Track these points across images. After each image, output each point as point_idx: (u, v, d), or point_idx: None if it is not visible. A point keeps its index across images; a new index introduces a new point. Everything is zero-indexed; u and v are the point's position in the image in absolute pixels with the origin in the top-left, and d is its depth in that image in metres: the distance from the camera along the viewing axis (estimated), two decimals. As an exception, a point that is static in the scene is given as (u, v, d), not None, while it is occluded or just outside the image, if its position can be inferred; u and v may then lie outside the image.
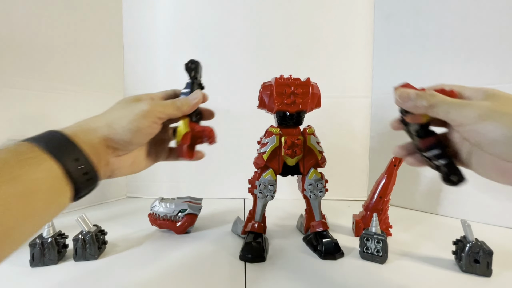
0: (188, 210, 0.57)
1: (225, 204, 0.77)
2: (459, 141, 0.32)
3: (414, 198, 0.75)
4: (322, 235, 0.49)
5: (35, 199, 0.25)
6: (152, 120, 0.35)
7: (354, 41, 0.83)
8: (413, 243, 0.53)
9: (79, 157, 0.28)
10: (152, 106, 0.35)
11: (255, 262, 0.46)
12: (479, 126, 0.26)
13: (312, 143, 0.49)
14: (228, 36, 0.84)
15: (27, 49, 0.63)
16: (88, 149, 0.29)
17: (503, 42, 0.61)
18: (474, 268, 0.42)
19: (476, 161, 0.31)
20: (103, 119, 0.33)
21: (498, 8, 0.61)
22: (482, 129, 0.26)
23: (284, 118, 0.49)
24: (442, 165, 0.31)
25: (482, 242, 0.43)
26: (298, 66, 0.82)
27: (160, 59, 0.85)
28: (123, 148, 0.34)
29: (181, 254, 0.49)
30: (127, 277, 0.42)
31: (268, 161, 0.49)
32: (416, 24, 0.73)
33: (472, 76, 0.65)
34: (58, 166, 0.27)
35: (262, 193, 0.49)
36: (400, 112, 0.33)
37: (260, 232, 0.50)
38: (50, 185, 0.26)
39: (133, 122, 0.33)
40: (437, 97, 0.29)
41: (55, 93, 0.68)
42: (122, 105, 0.35)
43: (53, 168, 0.26)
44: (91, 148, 0.30)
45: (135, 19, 0.85)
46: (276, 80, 0.48)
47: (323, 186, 0.50)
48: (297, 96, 0.48)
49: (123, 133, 0.33)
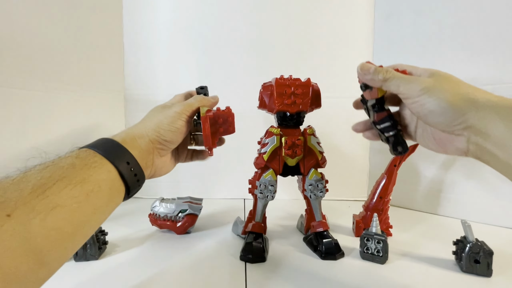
0: (188, 210, 0.57)
1: (225, 204, 0.77)
2: (408, 117, 0.39)
3: (414, 198, 0.75)
4: (323, 235, 0.49)
5: (100, 197, 0.29)
6: (185, 119, 0.41)
7: (354, 41, 0.83)
8: (414, 243, 0.53)
9: (129, 161, 0.33)
10: (182, 107, 0.41)
11: (256, 262, 0.46)
12: (421, 98, 0.31)
13: (312, 144, 0.49)
14: (228, 36, 0.83)
15: (27, 49, 0.62)
16: (136, 154, 0.34)
17: (503, 42, 0.61)
18: (475, 268, 0.42)
19: (419, 133, 0.37)
20: (147, 125, 0.38)
21: (498, 8, 0.61)
22: (423, 101, 0.31)
23: (284, 119, 0.49)
24: (390, 136, 0.38)
25: (482, 242, 0.43)
26: (298, 66, 0.82)
27: (160, 59, 0.85)
28: (166, 148, 0.40)
29: (182, 255, 0.49)
30: (128, 277, 0.42)
31: (269, 162, 0.49)
32: (416, 24, 0.73)
33: (472, 76, 0.65)
34: (115, 169, 0.31)
35: (263, 193, 0.49)
36: (361, 87, 0.39)
37: (261, 233, 0.50)
38: (110, 185, 0.30)
39: (172, 123, 0.39)
40: (391, 73, 0.35)
41: (55, 93, 0.68)
42: (157, 112, 0.41)
43: (112, 171, 0.31)
44: (139, 153, 0.35)
45: (135, 19, 0.85)
46: (276, 81, 0.48)
47: (323, 187, 0.50)
48: (298, 97, 0.48)
49: (165, 134, 0.38)
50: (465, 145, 0.31)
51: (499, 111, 0.29)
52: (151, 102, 0.85)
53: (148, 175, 0.37)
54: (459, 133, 0.31)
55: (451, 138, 0.32)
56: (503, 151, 0.28)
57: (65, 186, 0.26)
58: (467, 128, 0.30)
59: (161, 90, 0.84)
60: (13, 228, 0.21)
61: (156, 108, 0.42)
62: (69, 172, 0.27)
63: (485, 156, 0.30)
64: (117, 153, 0.32)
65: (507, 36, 0.60)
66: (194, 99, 0.43)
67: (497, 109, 0.29)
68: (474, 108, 0.30)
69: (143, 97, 0.84)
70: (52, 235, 0.24)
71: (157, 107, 0.42)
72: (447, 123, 0.31)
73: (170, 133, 0.39)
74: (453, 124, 0.31)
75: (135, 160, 0.34)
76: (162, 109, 0.42)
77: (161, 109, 0.42)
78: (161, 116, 0.40)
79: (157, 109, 0.42)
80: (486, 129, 0.29)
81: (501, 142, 0.28)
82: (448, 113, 0.30)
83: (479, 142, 0.30)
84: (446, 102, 0.30)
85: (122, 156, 0.33)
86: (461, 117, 0.30)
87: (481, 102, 0.30)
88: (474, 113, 0.29)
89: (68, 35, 0.70)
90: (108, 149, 0.32)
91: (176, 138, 0.40)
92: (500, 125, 0.28)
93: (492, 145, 0.29)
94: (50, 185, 0.25)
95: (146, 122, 0.39)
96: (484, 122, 0.29)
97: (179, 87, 0.82)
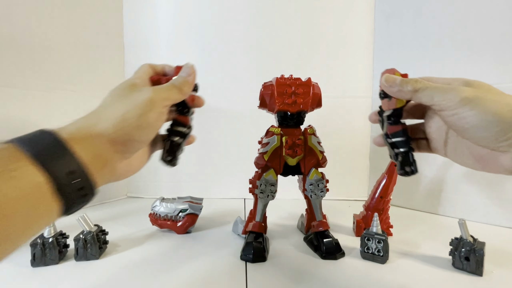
0: (189, 210, 0.57)
1: (225, 204, 0.77)
2: (435, 131, 0.34)
3: (415, 198, 0.75)
4: (323, 235, 0.49)
5: (11, 223, 0.20)
6: (159, 110, 0.30)
7: (354, 41, 0.83)
8: (414, 243, 0.53)
9: (75, 170, 0.23)
10: (154, 92, 0.30)
11: (256, 262, 0.46)
12: (461, 110, 0.27)
13: (313, 143, 0.49)
14: (228, 36, 0.84)
15: (27, 49, 0.62)
16: (88, 158, 0.24)
17: (503, 42, 0.61)
18: (465, 265, 0.42)
19: (451, 149, 0.33)
20: (105, 117, 0.28)
21: (498, 8, 0.61)
22: (464, 113, 0.27)
23: (285, 118, 0.49)
24: (401, 153, 0.34)
25: (477, 240, 0.43)
26: (298, 66, 0.82)
27: (160, 59, 0.84)
28: (132, 150, 0.30)
29: (182, 254, 0.49)
30: (128, 277, 0.42)
31: (269, 161, 0.49)
32: (416, 24, 0.73)
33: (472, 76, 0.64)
34: (47, 180, 0.22)
35: (263, 193, 0.49)
36: (380, 95, 0.35)
37: (261, 232, 0.50)
38: (33, 204, 0.21)
39: (141, 117, 0.28)
40: (422, 83, 0.30)
41: (55, 93, 0.68)
42: (120, 96, 0.29)
43: (42, 182, 0.22)
44: (93, 157, 0.25)
45: (136, 19, 0.85)
46: (277, 80, 0.48)
47: (324, 186, 0.50)
48: (298, 96, 0.48)
49: (132, 132, 0.28)
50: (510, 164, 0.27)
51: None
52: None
53: (105, 182, 0.28)
54: (505, 150, 0.27)
55: (495, 156, 0.28)
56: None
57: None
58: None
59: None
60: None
61: (121, 89, 0.30)
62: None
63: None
64: (56, 156, 0.23)
65: (507, 36, 0.60)
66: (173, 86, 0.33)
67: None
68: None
69: (143, 97, 0.84)
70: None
71: (121, 88, 0.30)
72: (493, 139, 0.26)
73: (139, 129, 0.28)
74: (499, 140, 0.26)
75: (83, 169, 0.24)
76: (129, 91, 0.30)
77: (128, 91, 0.30)
78: (126, 104, 0.28)
79: (122, 90, 0.30)
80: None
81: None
82: (494, 127, 0.26)
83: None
84: (493, 115, 0.26)
85: (65, 163, 0.23)
86: (510, 132, 0.25)
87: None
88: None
89: (68, 35, 0.70)
90: (44, 151, 0.22)
91: (147, 137, 0.30)
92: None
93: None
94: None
95: (106, 112, 0.28)
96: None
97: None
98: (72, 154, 0.24)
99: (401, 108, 0.34)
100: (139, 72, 0.34)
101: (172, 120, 0.37)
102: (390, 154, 0.36)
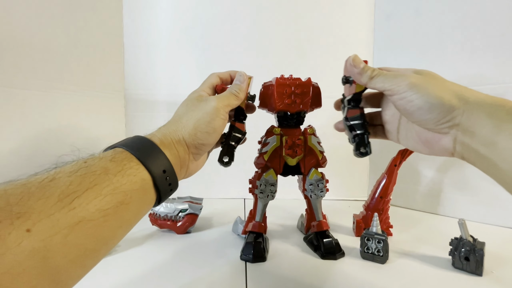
0: (188, 210, 0.57)
1: (225, 204, 0.77)
2: (390, 118, 0.38)
3: (415, 198, 0.75)
4: (323, 235, 0.49)
5: (129, 209, 0.26)
6: (222, 117, 0.36)
7: (354, 41, 0.83)
8: (414, 243, 0.53)
9: (166, 169, 0.30)
10: (217, 101, 0.36)
11: (256, 262, 0.46)
12: (408, 93, 0.30)
13: (312, 143, 0.49)
14: (228, 36, 0.84)
15: (27, 49, 0.62)
16: (172, 159, 0.31)
17: (503, 42, 0.61)
18: (465, 265, 0.42)
19: (403, 135, 0.37)
20: (183, 126, 0.34)
21: (498, 8, 0.61)
22: (411, 96, 0.30)
23: (285, 118, 0.49)
24: (357, 135, 0.38)
25: (477, 240, 0.43)
26: (298, 66, 0.82)
27: (160, 59, 0.85)
28: (201, 152, 0.36)
29: (182, 254, 0.49)
30: (128, 277, 0.42)
31: (269, 161, 0.49)
32: (416, 24, 0.73)
33: (472, 76, 0.65)
34: (150, 178, 0.28)
35: (263, 193, 0.49)
36: (342, 80, 0.39)
37: (261, 232, 0.50)
38: (142, 195, 0.28)
39: (209, 124, 0.35)
40: (377, 71, 0.34)
41: (55, 93, 0.68)
42: (191, 107, 0.36)
43: (146, 179, 0.28)
44: (176, 158, 0.32)
45: (135, 19, 0.85)
46: (276, 80, 0.48)
47: (323, 186, 0.50)
48: (298, 96, 0.48)
49: (203, 137, 0.34)
50: (451, 145, 0.30)
51: (487, 109, 0.28)
52: (151, 102, 0.86)
53: (181, 179, 0.35)
54: (446, 132, 0.30)
55: (438, 138, 0.31)
56: (490, 150, 0.27)
57: (94, 197, 0.23)
58: (454, 126, 0.29)
59: (161, 90, 0.84)
60: (32, 246, 0.19)
61: (190, 100, 0.37)
62: (101, 179, 0.24)
63: (471, 156, 0.29)
64: (155, 159, 0.29)
65: (507, 36, 0.60)
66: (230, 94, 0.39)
67: (485, 107, 0.28)
68: (463, 105, 0.29)
69: (143, 97, 0.84)
70: (72, 252, 0.22)
71: (191, 99, 0.37)
72: (435, 121, 0.30)
73: (208, 135, 0.35)
74: (441, 121, 0.29)
75: (172, 169, 0.31)
76: (197, 102, 0.36)
77: (197, 102, 0.36)
78: (199, 114, 0.35)
79: (191, 101, 0.37)
80: (473, 128, 0.28)
81: (488, 141, 0.27)
82: (436, 109, 0.29)
83: (466, 141, 0.29)
84: (435, 97, 0.29)
85: (160, 164, 0.29)
86: (450, 114, 0.29)
87: (469, 99, 0.29)
88: (462, 110, 0.29)
89: (68, 35, 0.70)
90: (146, 154, 0.29)
91: (214, 140, 0.36)
92: (487, 123, 0.27)
93: (478, 144, 0.28)
94: (79, 193, 0.22)
95: (182, 121, 0.35)
96: (471, 120, 0.28)
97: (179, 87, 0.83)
98: (165, 156, 0.30)
99: (360, 93, 0.38)
100: (205, 83, 0.40)
101: (229, 126, 0.43)
102: (348, 137, 0.40)
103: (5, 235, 0.18)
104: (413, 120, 0.32)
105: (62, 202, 0.21)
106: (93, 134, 0.73)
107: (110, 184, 0.25)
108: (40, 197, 0.21)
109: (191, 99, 0.37)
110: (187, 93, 0.40)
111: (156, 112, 0.84)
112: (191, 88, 0.49)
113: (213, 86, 0.41)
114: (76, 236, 0.21)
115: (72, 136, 0.68)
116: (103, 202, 0.23)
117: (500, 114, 0.27)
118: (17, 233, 0.19)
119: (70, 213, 0.21)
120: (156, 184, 0.29)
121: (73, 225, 0.21)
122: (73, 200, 0.22)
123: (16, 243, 0.18)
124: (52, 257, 0.20)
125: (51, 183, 0.22)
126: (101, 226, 0.23)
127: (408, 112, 0.32)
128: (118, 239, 0.27)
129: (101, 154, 0.28)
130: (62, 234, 0.21)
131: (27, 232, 0.19)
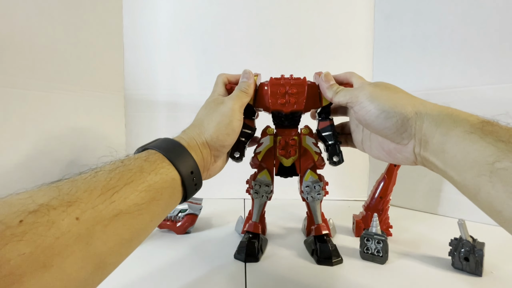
0: (188, 210, 0.57)
1: (225, 204, 0.77)
2: (354, 128, 0.42)
3: (414, 198, 0.75)
4: (321, 239, 0.48)
5: (160, 205, 0.29)
6: (238, 117, 0.39)
7: (354, 41, 0.83)
8: (414, 243, 0.53)
9: (193, 170, 0.32)
10: (233, 102, 0.38)
11: (248, 261, 0.46)
12: (366, 104, 0.33)
13: (307, 144, 0.48)
14: (228, 36, 0.84)
15: (27, 49, 0.62)
16: (198, 161, 0.34)
17: (503, 43, 0.61)
18: (464, 265, 0.42)
19: (367, 145, 0.39)
20: (206, 128, 0.37)
21: (498, 8, 0.61)
22: (368, 106, 0.33)
23: (279, 118, 0.48)
24: (329, 145, 0.42)
25: (476, 241, 0.43)
26: (298, 66, 0.81)
27: (160, 59, 0.85)
28: (221, 154, 0.39)
29: (181, 254, 0.49)
30: (127, 276, 0.42)
31: (263, 161, 0.49)
32: (416, 24, 0.73)
33: (472, 76, 0.65)
34: (179, 178, 0.31)
35: (258, 193, 0.49)
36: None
37: (257, 232, 0.50)
38: (171, 193, 0.30)
39: (229, 125, 0.37)
40: (340, 87, 0.39)
41: (55, 93, 0.68)
42: (210, 110, 0.38)
43: (176, 179, 0.31)
44: (200, 160, 0.34)
45: (135, 19, 0.85)
46: (271, 80, 0.47)
47: (321, 188, 0.49)
48: (292, 96, 0.46)
49: (223, 139, 0.37)
50: (412, 155, 0.31)
51: (435, 118, 0.29)
52: (151, 102, 0.86)
53: (203, 179, 0.37)
54: (405, 143, 0.32)
55: (399, 148, 0.33)
56: (439, 159, 0.28)
57: (131, 192, 0.26)
58: (412, 137, 0.31)
59: (161, 90, 0.84)
60: (79, 232, 0.21)
61: (208, 103, 0.40)
62: (137, 177, 0.27)
63: (429, 165, 0.30)
64: (184, 161, 0.32)
65: (507, 36, 0.60)
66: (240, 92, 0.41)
67: (433, 117, 0.29)
68: (414, 115, 0.30)
69: (143, 97, 0.84)
70: (111, 240, 0.24)
71: (209, 103, 0.40)
72: (394, 130, 0.31)
73: (228, 136, 0.37)
74: (400, 131, 0.31)
75: (198, 170, 0.33)
76: (216, 105, 0.39)
77: (214, 105, 0.39)
78: (219, 116, 0.37)
79: (209, 105, 0.39)
80: (426, 137, 0.29)
81: (438, 150, 0.28)
82: (393, 117, 0.31)
83: (422, 151, 0.30)
84: (390, 106, 0.31)
85: (188, 165, 0.32)
86: (406, 123, 0.30)
87: (420, 110, 0.30)
88: (414, 120, 0.30)
89: (68, 35, 0.70)
90: (176, 155, 0.31)
91: (232, 141, 0.39)
92: (436, 132, 0.28)
93: (431, 153, 0.29)
94: (118, 189, 0.25)
95: (204, 125, 0.37)
96: (423, 130, 0.29)
97: (179, 87, 0.83)
98: (192, 158, 0.33)
99: (327, 106, 0.43)
100: (218, 85, 0.43)
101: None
102: (324, 149, 0.44)
103: (60, 221, 0.21)
104: (373, 130, 0.34)
105: (104, 196, 0.24)
106: (93, 134, 0.73)
107: (145, 181, 0.27)
108: (85, 190, 0.24)
109: (209, 102, 0.40)
110: (187, 93, 0.40)
111: (156, 112, 0.84)
112: (191, 88, 0.49)
113: (225, 85, 0.44)
114: (115, 226, 0.24)
115: (72, 136, 0.68)
116: (139, 197, 0.26)
117: (447, 123, 0.28)
118: (69, 221, 0.21)
119: (111, 206, 0.24)
120: (184, 184, 0.31)
121: (113, 216, 0.24)
122: (113, 194, 0.25)
123: (68, 229, 0.21)
124: (94, 244, 0.22)
125: (94, 179, 0.25)
126: (135, 219, 0.26)
127: (367, 122, 0.34)
128: (148, 232, 0.29)
129: (136, 155, 0.31)
130: (103, 224, 0.23)
131: (76, 220, 0.22)
